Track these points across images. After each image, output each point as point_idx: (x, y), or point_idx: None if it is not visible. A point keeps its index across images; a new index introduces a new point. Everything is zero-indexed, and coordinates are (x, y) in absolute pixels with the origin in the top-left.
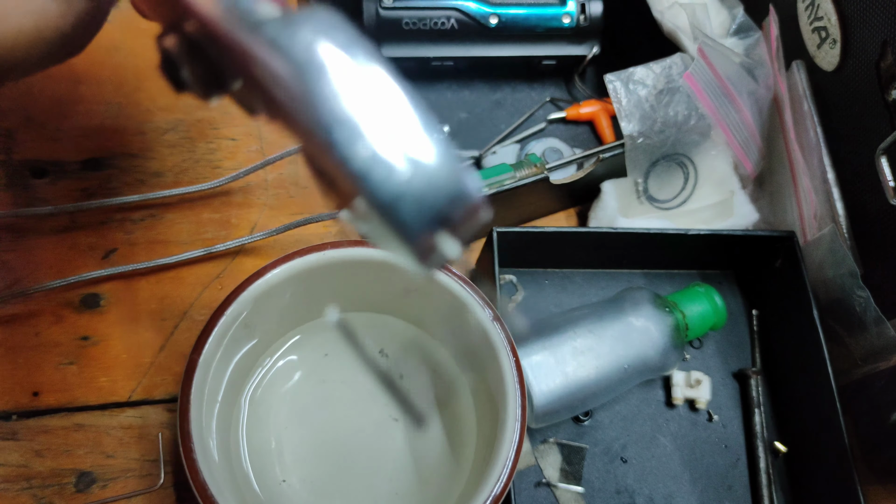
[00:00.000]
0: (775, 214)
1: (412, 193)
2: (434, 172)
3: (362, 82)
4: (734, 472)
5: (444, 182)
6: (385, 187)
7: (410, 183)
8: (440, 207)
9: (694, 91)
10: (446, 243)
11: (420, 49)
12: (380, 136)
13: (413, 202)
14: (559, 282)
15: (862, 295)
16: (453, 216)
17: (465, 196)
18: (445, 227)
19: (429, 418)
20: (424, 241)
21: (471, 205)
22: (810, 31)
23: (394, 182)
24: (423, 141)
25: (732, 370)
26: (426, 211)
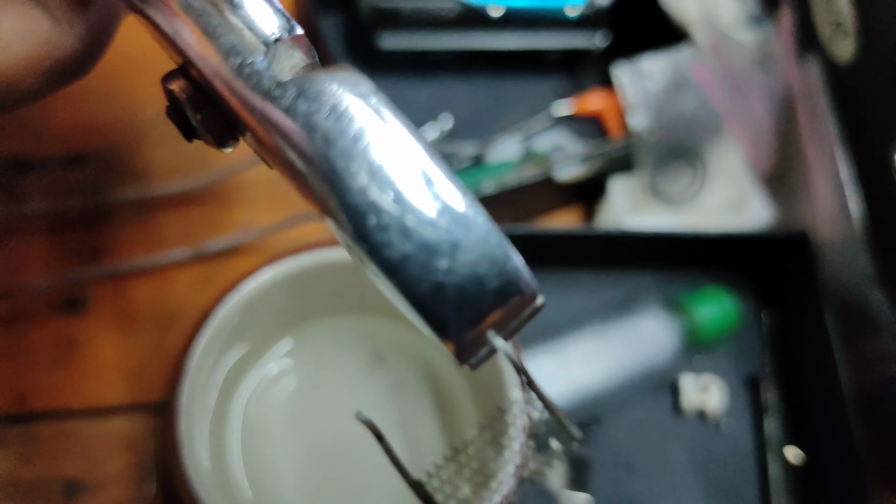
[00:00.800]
0: (788, 212)
1: (453, 287)
2: (480, 261)
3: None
4: (744, 480)
5: (493, 272)
6: (421, 281)
7: (451, 274)
8: (485, 302)
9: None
10: (492, 338)
11: (419, 40)
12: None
13: (454, 297)
14: (564, 283)
15: (877, 297)
16: (501, 310)
17: (515, 287)
18: (491, 322)
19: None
20: (466, 340)
21: (522, 297)
22: (825, 23)
23: (431, 274)
24: (468, 224)
25: (743, 374)
26: (469, 307)
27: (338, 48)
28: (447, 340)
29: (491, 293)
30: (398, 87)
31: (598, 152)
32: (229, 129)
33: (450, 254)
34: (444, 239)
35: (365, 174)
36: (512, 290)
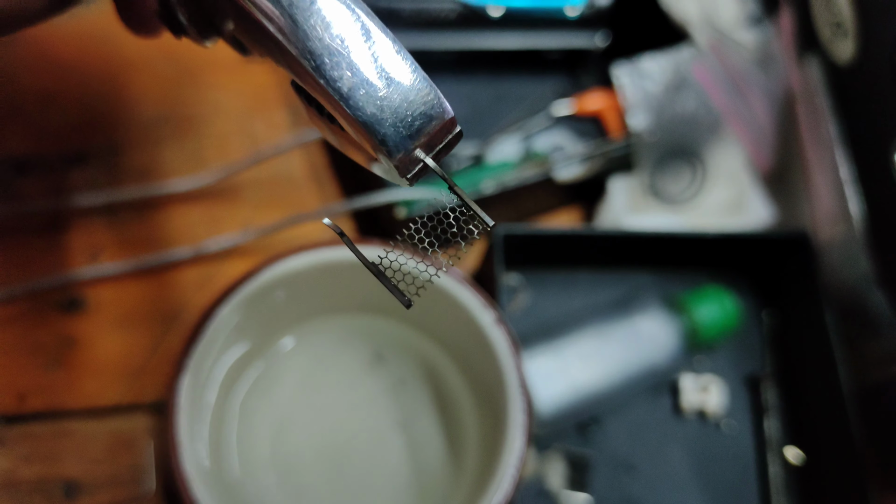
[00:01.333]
0: (788, 212)
1: (390, 110)
2: (409, 92)
3: (344, 16)
4: (744, 480)
5: (419, 100)
6: (366, 105)
7: (388, 100)
8: (417, 123)
9: (703, 85)
10: (424, 157)
11: (419, 40)
12: (360, 61)
13: (391, 118)
14: (564, 283)
15: (877, 297)
16: (429, 131)
17: (438, 112)
18: (422, 141)
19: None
20: (404, 155)
21: (444, 121)
22: (824, 23)
23: (373, 101)
24: (399, 66)
25: (743, 375)
26: (403, 126)
27: None
28: (389, 155)
29: (419, 116)
30: None
31: (598, 152)
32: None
33: (386, 85)
34: (381, 74)
35: (320, 27)
36: (436, 115)
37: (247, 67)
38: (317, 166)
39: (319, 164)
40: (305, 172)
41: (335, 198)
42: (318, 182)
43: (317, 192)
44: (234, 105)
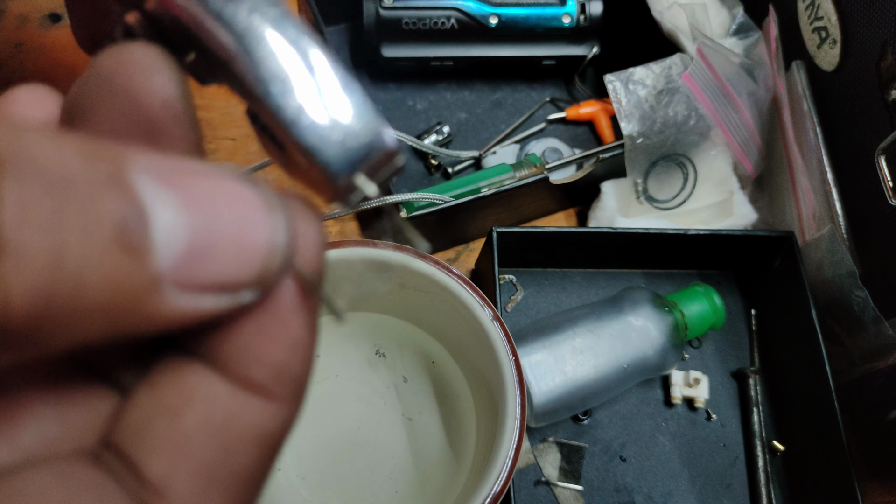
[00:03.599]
0: (774, 215)
1: (333, 138)
2: (353, 121)
3: (293, 48)
4: (732, 470)
5: (362, 130)
6: (310, 133)
7: (332, 129)
8: (357, 151)
9: (693, 91)
10: (364, 184)
11: (420, 49)
12: (307, 90)
13: (334, 146)
14: (559, 281)
15: (860, 294)
16: (369, 159)
17: (380, 142)
18: (363, 168)
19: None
20: (344, 181)
21: (385, 150)
22: (810, 31)
23: (317, 128)
24: (344, 95)
25: (731, 369)
26: (345, 154)
27: (342, 58)
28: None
29: (362, 145)
30: (400, 95)
31: (591, 157)
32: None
33: (331, 114)
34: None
35: (270, 57)
36: (378, 145)
37: None
38: None
39: None
40: None
41: None
42: None
43: None
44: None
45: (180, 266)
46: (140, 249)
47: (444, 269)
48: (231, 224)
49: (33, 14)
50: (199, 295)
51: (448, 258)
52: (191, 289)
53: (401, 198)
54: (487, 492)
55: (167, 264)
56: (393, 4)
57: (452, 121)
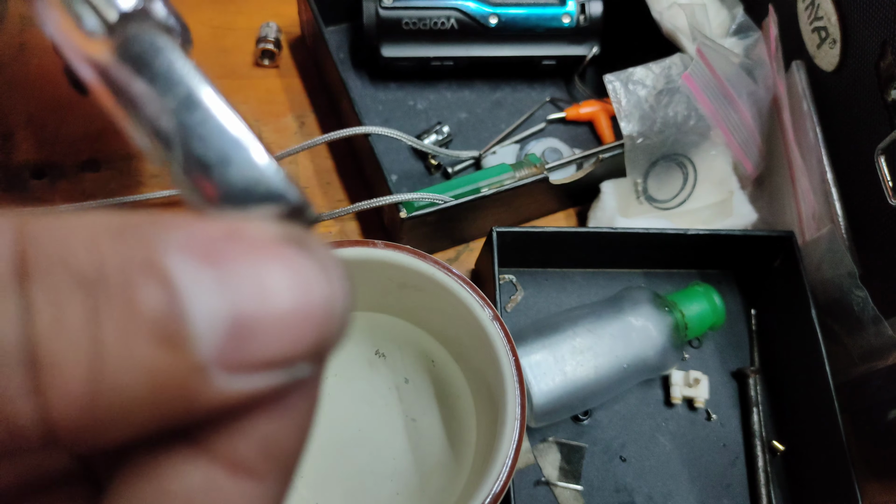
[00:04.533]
0: (774, 214)
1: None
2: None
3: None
4: (732, 470)
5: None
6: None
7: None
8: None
9: (693, 91)
10: None
11: (420, 49)
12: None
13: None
14: (559, 281)
15: (860, 294)
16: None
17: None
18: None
19: None
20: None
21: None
22: (810, 31)
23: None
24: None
25: (731, 369)
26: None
27: (342, 58)
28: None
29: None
30: (400, 95)
31: (591, 157)
32: None
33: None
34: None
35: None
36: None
37: (254, 75)
38: (323, 170)
39: (325, 168)
40: (312, 176)
41: (340, 200)
42: (324, 185)
43: (322, 195)
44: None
45: (225, 350)
46: (180, 340)
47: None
48: (277, 296)
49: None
50: (251, 375)
51: (448, 258)
52: (240, 370)
53: (401, 198)
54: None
55: (210, 350)
56: (393, 4)
57: (452, 121)
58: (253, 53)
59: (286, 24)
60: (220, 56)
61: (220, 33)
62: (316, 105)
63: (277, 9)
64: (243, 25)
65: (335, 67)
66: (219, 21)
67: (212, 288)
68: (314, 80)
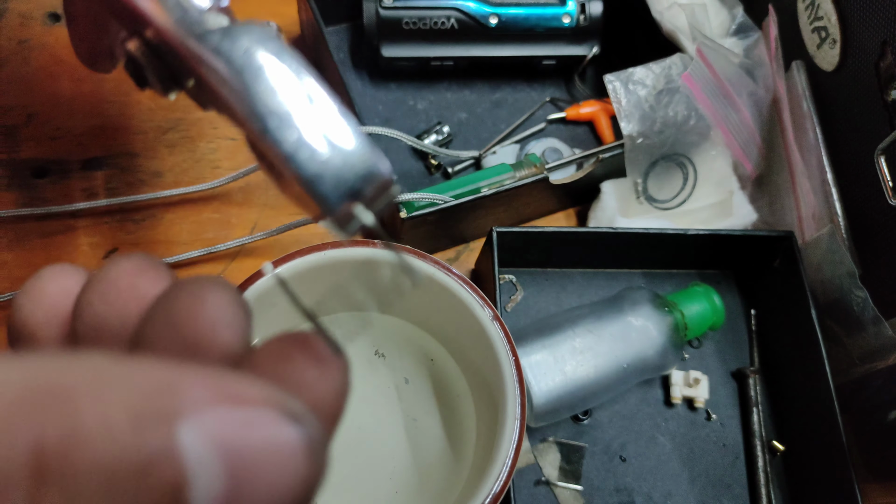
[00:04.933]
0: (774, 215)
1: (331, 171)
2: (350, 154)
3: (290, 83)
4: (732, 470)
5: (359, 162)
6: (308, 165)
7: (330, 162)
8: (354, 183)
9: (693, 92)
10: (361, 213)
11: (420, 49)
12: (304, 124)
13: (332, 178)
14: (559, 281)
15: (860, 295)
16: (366, 190)
17: (376, 174)
18: (360, 199)
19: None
20: (341, 211)
21: (382, 181)
22: (810, 31)
23: (316, 161)
24: (341, 128)
25: (731, 369)
26: (342, 185)
27: (342, 58)
28: (328, 212)
29: (358, 176)
30: (400, 95)
31: (591, 157)
32: (173, 77)
33: (328, 147)
34: (324, 136)
35: (268, 91)
36: (374, 176)
37: None
38: None
39: None
40: None
41: None
42: None
43: None
44: None
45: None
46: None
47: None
48: (266, 474)
49: (36, 11)
50: None
51: (448, 258)
52: None
53: (401, 197)
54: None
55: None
56: (393, 4)
57: (452, 120)
58: None
59: (286, 24)
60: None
61: None
62: None
63: (277, 8)
64: None
65: (335, 67)
66: None
67: (216, 475)
68: None
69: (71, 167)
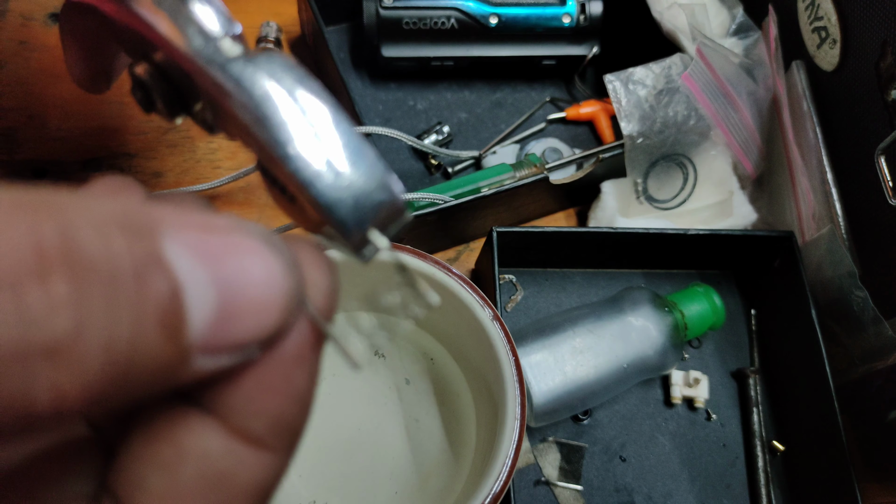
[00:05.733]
0: (774, 215)
1: (348, 197)
2: (366, 181)
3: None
4: (732, 470)
5: (375, 189)
6: (328, 192)
7: (349, 188)
8: (370, 209)
9: (693, 91)
10: (377, 238)
11: (420, 49)
12: (323, 151)
13: (350, 204)
14: (559, 281)
15: (860, 295)
16: (381, 216)
17: (391, 199)
18: (375, 225)
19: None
20: (358, 237)
21: (396, 208)
22: (810, 31)
23: (333, 188)
24: (357, 155)
25: (731, 369)
26: (359, 212)
27: (342, 57)
28: (346, 237)
29: (374, 202)
30: (400, 95)
31: (591, 157)
32: (181, 102)
33: (347, 174)
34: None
35: (287, 118)
36: (389, 202)
37: None
38: None
39: None
40: None
41: None
42: None
43: None
44: None
45: (207, 336)
46: (178, 327)
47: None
48: (252, 289)
49: (37, 12)
50: (220, 356)
51: (448, 258)
52: (214, 352)
53: None
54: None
55: (197, 336)
56: (393, 4)
57: (452, 120)
58: None
59: (286, 24)
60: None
61: None
62: None
63: (277, 8)
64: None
65: (335, 67)
66: None
67: (203, 282)
68: None
69: (71, 168)
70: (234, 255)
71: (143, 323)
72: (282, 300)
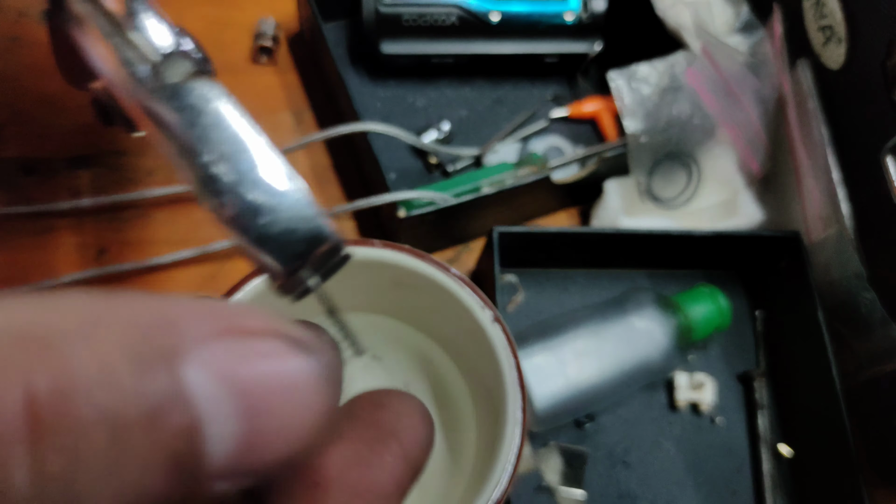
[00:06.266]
0: (780, 214)
1: (275, 234)
2: (295, 217)
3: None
4: (738, 476)
5: (305, 225)
6: (250, 233)
7: (274, 225)
8: (302, 246)
9: (697, 89)
10: (308, 276)
11: (420, 46)
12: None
13: (274, 245)
14: (561, 282)
15: (868, 296)
16: (314, 255)
17: (322, 237)
18: (305, 263)
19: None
20: (287, 277)
21: (331, 244)
22: (816, 29)
23: (256, 229)
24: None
25: (736, 372)
26: (287, 252)
27: (340, 54)
28: (273, 277)
29: (302, 241)
30: (399, 92)
31: (594, 155)
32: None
33: (270, 212)
34: (266, 202)
35: (210, 153)
36: (319, 240)
37: (251, 71)
38: (319, 168)
39: (322, 165)
40: (308, 173)
41: (337, 198)
42: (321, 183)
43: (319, 193)
44: None
45: (226, 467)
46: (194, 465)
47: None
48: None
49: (32, 8)
50: (240, 481)
51: (448, 258)
52: (233, 480)
53: (400, 196)
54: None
55: (215, 469)
56: (393, 0)
57: (453, 118)
58: (250, 49)
59: (284, 20)
60: (216, 51)
61: (217, 28)
62: (313, 102)
63: (275, 4)
64: (240, 21)
65: (333, 64)
66: (215, 16)
67: (230, 416)
68: (312, 76)
69: (59, 165)
70: (265, 375)
71: (153, 470)
72: (316, 420)
